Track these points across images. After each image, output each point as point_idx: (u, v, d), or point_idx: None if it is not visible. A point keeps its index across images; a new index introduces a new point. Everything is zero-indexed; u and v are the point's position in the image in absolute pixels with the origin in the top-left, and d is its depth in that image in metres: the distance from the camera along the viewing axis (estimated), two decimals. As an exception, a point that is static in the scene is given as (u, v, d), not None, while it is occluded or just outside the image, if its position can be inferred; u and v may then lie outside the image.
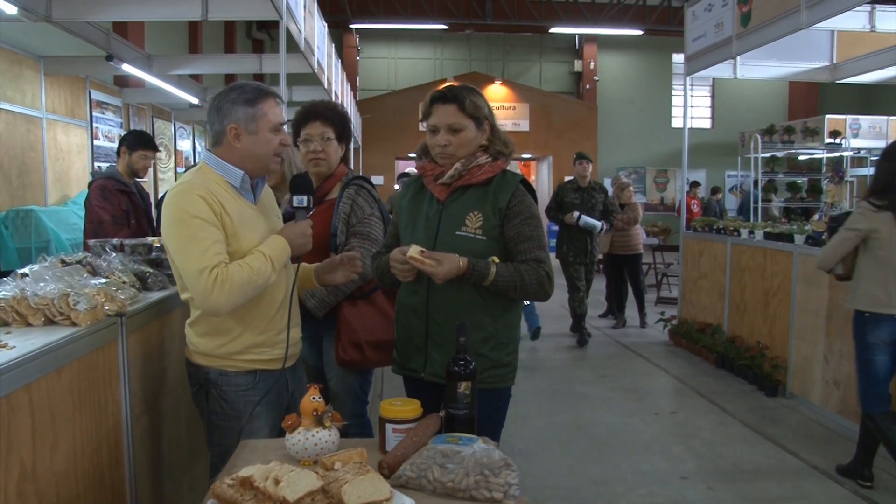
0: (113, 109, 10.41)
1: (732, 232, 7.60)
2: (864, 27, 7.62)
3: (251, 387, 2.56)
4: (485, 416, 2.35)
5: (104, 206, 4.98)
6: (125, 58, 8.22)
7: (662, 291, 11.85)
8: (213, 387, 2.55)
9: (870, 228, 4.25)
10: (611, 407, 6.16)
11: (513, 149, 2.72)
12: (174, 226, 2.38)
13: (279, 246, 2.50)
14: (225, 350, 2.53)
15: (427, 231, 2.66)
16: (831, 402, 5.79)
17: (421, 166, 2.76)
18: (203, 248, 2.33)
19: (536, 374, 7.19)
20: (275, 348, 2.59)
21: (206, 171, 2.52)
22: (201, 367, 2.57)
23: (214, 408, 2.57)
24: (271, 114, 2.52)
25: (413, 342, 2.70)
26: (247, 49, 19.77)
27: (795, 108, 23.34)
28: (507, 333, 2.68)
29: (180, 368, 2.90)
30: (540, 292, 2.60)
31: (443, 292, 2.59)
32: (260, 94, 2.52)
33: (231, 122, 2.49)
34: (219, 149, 2.54)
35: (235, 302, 2.36)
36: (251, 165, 2.54)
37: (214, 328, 2.52)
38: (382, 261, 2.75)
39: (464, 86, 2.70)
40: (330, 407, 2.12)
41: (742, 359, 6.92)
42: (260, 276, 2.39)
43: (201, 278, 2.30)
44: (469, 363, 2.14)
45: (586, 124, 22.58)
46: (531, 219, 2.64)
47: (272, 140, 2.53)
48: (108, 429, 2.46)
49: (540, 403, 6.23)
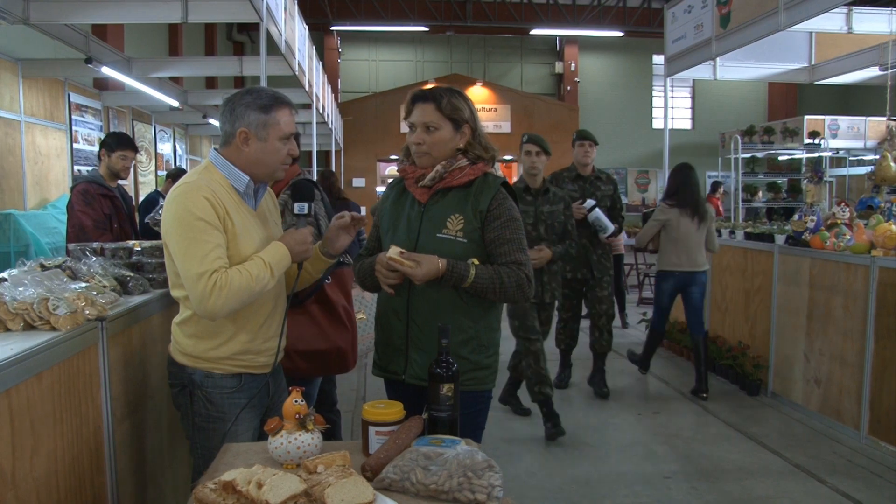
0: (92, 112, 10.35)
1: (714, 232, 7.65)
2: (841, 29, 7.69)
3: (237, 389, 2.55)
4: (466, 419, 2.35)
5: (86, 210, 4.94)
6: (104, 60, 8.18)
7: (645, 292, 11.91)
8: (199, 388, 2.53)
9: (666, 219, 6.36)
10: (594, 407, 6.18)
11: (493, 154, 2.72)
12: (177, 225, 2.36)
13: (279, 253, 2.49)
14: (213, 354, 2.51)
15: (408, 233, 2.66)
16: (812, 401, 5.84)
17: (402, 169, 2.76)
18: (204, 252, 2.32)
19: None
20: (261, 355, 2.58)
21: (212, 171, 2.52)
22: (186, 367, 2.55)
23: (199, 409, 2.55)
24: (284, 123, 2.51)
25: (393, 344, 2.70)
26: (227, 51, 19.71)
27: (775, 108, 23.57)
28: (488, 335, 2.69)
29: (162, 373, 2.88)
30: (519, 294, 2.61)
31: (423, 294, 2.59)
32: (275, 102, 2.51)
33: (242, 125, 2.48)
34: (226, 150, 2.54)
35: (232, 307, 2.35)
36: (256, 171, 2.53)
37: (204, 331, 2.51)
38: (366, 263, 2.75)
39: (448, 87, 2.70)
40: (312, 410, 2.11)
41: (724, 358, 6.97)
42: (258, 283, 2.39)
43: (200, 282, 2.30)
44: (451, 365, 2.14)
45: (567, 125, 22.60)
46: (511, 222, 2.64)
47: (280, 149, 2.53)
48: (88, 434, 2.44)
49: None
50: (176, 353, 2.59)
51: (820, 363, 5.72)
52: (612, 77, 24.38)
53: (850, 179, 16.42)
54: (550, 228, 5.39)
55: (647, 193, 24.00)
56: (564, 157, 7.92)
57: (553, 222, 5.40)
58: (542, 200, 5.43)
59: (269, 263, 2.43)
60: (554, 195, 5.48)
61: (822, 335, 5.66)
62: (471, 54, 24.40)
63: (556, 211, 5.43)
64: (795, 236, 6.12)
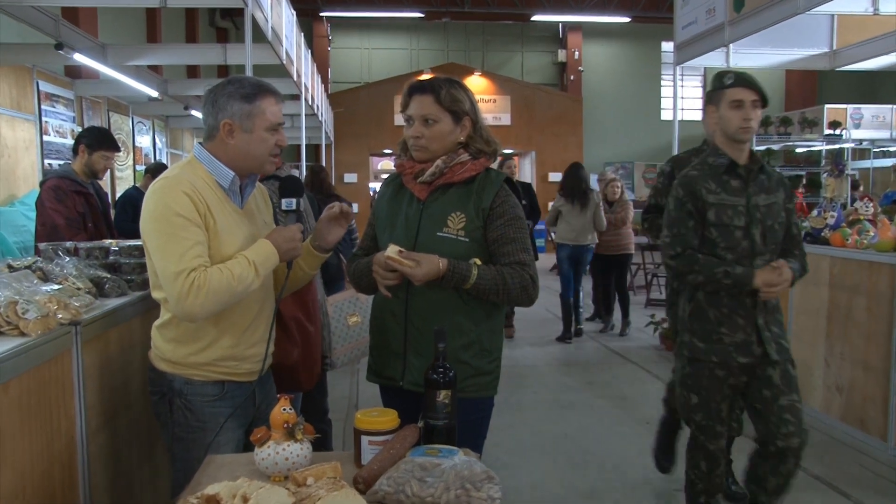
0: (64, 102, 10.31)
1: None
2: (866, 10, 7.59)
3: (219, 397, 2.54)
4: (466, 427, 2.35)
5: (58, 208, 4.91)
6: (76, 46, 8.10)
7: (653, 292, 11.92)
8: (178, 396, 2.53)
9: (560, 205, 9.07)
10: (599, 415, 6.18)
11: (495, 147, 2.72)
12: (154, 222, 2.37)
13: (265, 251, 2.48)
14: (193, 360, 2.51)
15: (406, 232, 2.66)
16: (833, 409, 5.83)
17: (400, 164, 2.75)
18: (182, 249, 2.32)
19: (520, 381, 7.20)
20: (246, 362, 2.58)
21: (195, 166, 2.52)
22: (165, 373, 2.54)
23: (179, 419, 2.55)
24: (269, 112, 2.51)
25: (390, 348, 2.69)
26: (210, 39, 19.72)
27: (792, 98, 23.58)
28: (490, 339, 2.69)
29: (142, 380, 2.88)
30: (524, 297, 2.61)
31: (423, 295, 2.59)
32: (259, 91, 2.51)
33: (225, 116, 2.48)
34: (211, 143, 2.54)
35: (211, 309, 2.35)
36: (244, 164, 2.53)
37: (184, 335, 2.50)
38: (361, 263, 2.73)
39: (447, 78, 2.70)
40: (301, 419, 2.10)
41: (738, 363, 6.96)
42: (241, 283, 2.38)
43: (178, 281, 2.29)
44: (448, 370, 2.14)
45: (571, 117, 22.70)
46: (515, 220, 2.64)
47: (268, 140, 2.52)
48: (60, 447, 2.43)
49: (524, 412, 6.23)
50: (156, 358, 2.58)
51: (841, 368, 5.71)
52: (618, 66, 24.43)
53: (874, 172, 16.40)
54: (770, 233, 3.39)
55: (656, 189, 24.03)
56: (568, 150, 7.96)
57: (773, 223, 3.39)
58: (756, 186, 3.40)
59: (254, 262, 2.42)
60: (769, 177, 3.45)
61: (844, 339, 5.66)
62: (468, 42, 24.44)
63: (776, 204, 3.41)
64: (814, 233, 6.11)
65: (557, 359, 8.20)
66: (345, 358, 4.25)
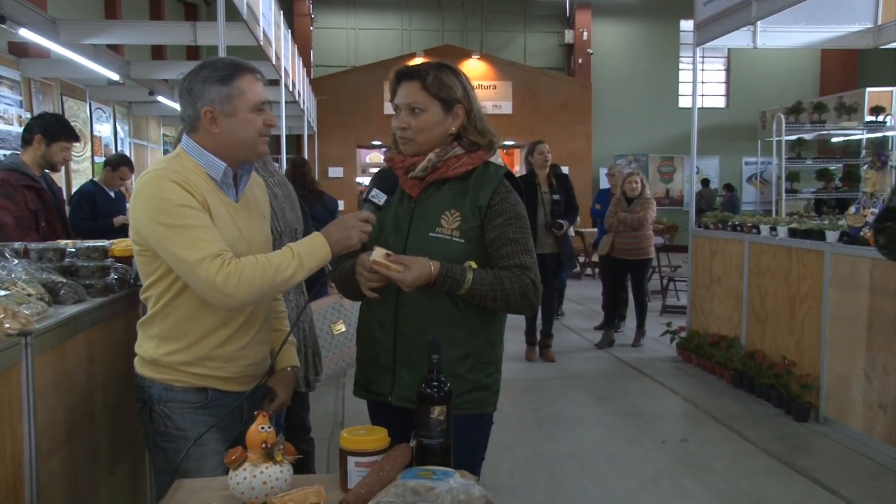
0: (9, 84, 10.17)
1: (751, 229, 7.65)
2: (918, -22, 7.52)
3: (201, 405, 2.58)
4: (463, 447, 2.34)
5: (5, 205, 4.84)
6: (22, 20, 7.94)
7: (669, 298, 11.93)
8: (158, 403, 2.58)
9: None
10: (610, 434, 6.17)
11: (491, 139, 2.73)
12: (155, 217, 2.39)
13: (313, 242, 2.47)
14: (175, 360, 2.54)
15: (396, 232, 2.66)
16: (876, 429, 5.80)
17: (390, 158, 2.76)
18: (198, 236, 2.36)
19: (522, 396, 7.20)
20: (231, 364, 2.60)
21: (184, 159, 2.54)
22: (146, 379, 2.59)
23: (158, 427, 2.60)
24: (250, 91, 2.53)
25: (379, 361, 2.69)
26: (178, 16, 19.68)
27: (828, 81, 23.47)
28: (488, 351, 2.69)
29: (106, 394, 2.86)
30: (524, 303, 2.61)
31: (414, 302, 2.59)
32: (235, 71, 2.53)
33: (205, 104, 2.50)
34: (196, 135, 2.56)
35: (250, 293, 2.36)
36: (234, 152, 2.56)
37: (170, 330, 2.54)
38: (346, 266, 2.72)
39: (437, 62, 2.70)
40: (282, 438, 2.10)
41: (764, 377, 6.95)
42: (279, 272, 2.38)
43: (202, 266, 2.32)
44: (443, 384, 2.13)
45: (578, 105, 22.71)
46: (516, 219, 2.65)
47: (254, 121, 2.54)
48: (4, 473, 2.39)
49: (526, 430, 6.24)
50: (138, 363, 2.64)
51: (885, 384, 5.68)
52: (631, 47, 24.45)
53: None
54: None
55: (672, 184, 24.06)
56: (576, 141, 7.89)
57: None
58: None
59: (299, 253, 2.42)
60: None
61: (887, 350, 5.63)
62: (466, 22, 24.47)
63: None
64: (851, 233, 6.10)
65: (564, 371, 8.19)
66: (329, 370, 4.24)
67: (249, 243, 2.57)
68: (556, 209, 8.22)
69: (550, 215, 8.18)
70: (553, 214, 8.19)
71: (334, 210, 7.07)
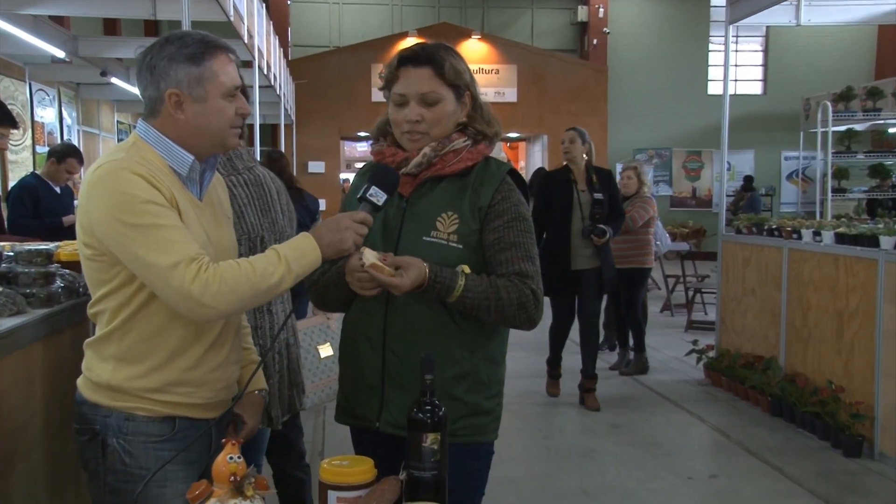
0: (-73, 61, 10.15)
1: (791, 233, 7.63)
2: None
3: (167, 439, 2.51)
4: (460, 479, 2.35)
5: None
6: (-60, -16, 7.92)
7: (695, 313, 11.93)
8: (115, 436, 2.48)
9: None
10: (627, 467, 6.16)
11: (498, 130, 2.74)
12: (118, 214, 2.32)
13: (301, 245, 2.42)
14: (138, 385, 2.46)
15: (386, 235, 2.66)
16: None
17: (378, 151, 2.75)
18: (170, 238, 2.29)
19: (527, 422, 7.20)
20: (203, 389, 2.54)
21: (143, 150, 2.47)
22: (99, 407, 2.49)
23: (114, 465, 2.50)
24: (223, 74, 2.48)
25: (364, 381, 2.68)
26: (135, -13, 19.62)
27: (885, 62, 23.39)
28: (488, 370, 2.69)
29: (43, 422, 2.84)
30: (521, 316, 2.60)
31: (405, 314, 2.59)
32: (207, 49, 2.47)
33: (169, 85, 2.44)
34: (156, 120, 2.50)
35: (230, 303, 2.31)
36: (201, 143, 2.51)
37: (129, 351, 2.46)
38: (330, 273, 2.69)
39: (440, 44, 2.70)
40: (253, 469, 2.09)
41: (807, 404, 6.91)
42: (264, 278, 2.33)
43: (176, 273, 2.26)
44: (437, 408, 2.14)
45: (593, 92, 22.74)
46: (517, 221, 2.65)
47: (226, 109, 2.50)
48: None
49: (532, 462, 6.24)
50: (87, 386, 2.53)
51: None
52: (653, 26, 24.49)
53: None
54: None
55: (700, 182, 24.07)
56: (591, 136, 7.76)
57: None
58: None
59: (285, 256, 2.37)
60: None
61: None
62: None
63: None
64: (910, 237, 6.09)
65: (574, 394, 8.16)
66: (315, 397, 4.23)
67: (217, 248, 2.53)
68: (596, 212, 7.39)
69: (590, 219, 7.37)
70: (593, 218, 7.37)
71: (315, 211, 7.06)
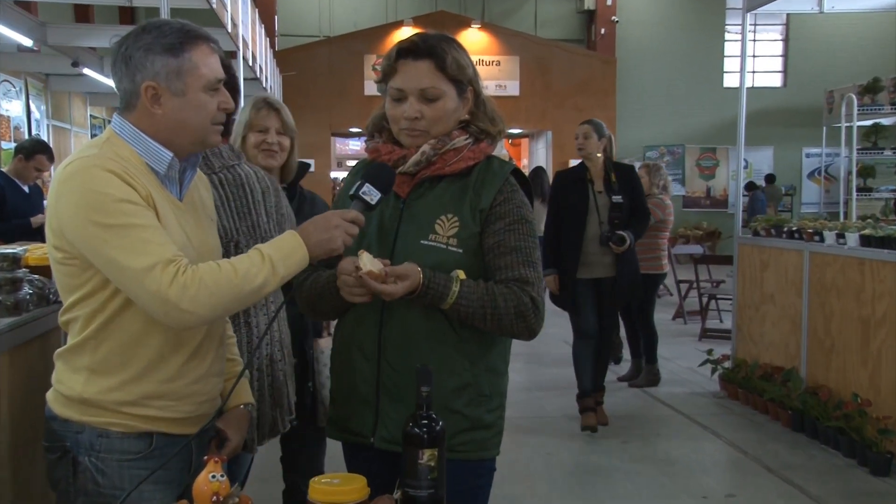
0: None
1: (812, 236, 7.63)
2: None
3: (143, 456, 2.49)
4: (459, 498, 2.34)
5: None
6: None
7: (710, 321, 11.94)
8: (87, 453, 2.47)
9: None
10: (637, 485, 6.17)
11: (501, 128, 2.76)
12: (90, 214, 2.30)
13: (287, 244, 2.42)
14: (113, 398, 2.44)
15: (381, 238, 2.66)
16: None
17: (374, 148, 2.75)
18: (146, 238, 2.28)
19: (530, 437, 7.19)
20: (184, 402, 2.53)
21: (117, 146, 2.46)
22: (70, 422, 2.48)
23: (84, 485, 2.48)
24: (204, 66, 2.47)
25: (358, 393, 2.68)
26: (110, -30, 19.64)
27: (914, 52, 23.44)
28: (490, 382, 2.69)
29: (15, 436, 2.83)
30: (519, 325, 2.60)
31: (401, 322, 2.59)
32: (187, 39, 2.46)
33: (146, 78, 2.43)
34: (132, 115, 2.49)
35: (211, 306, 2.30)
36: (181, 139, 2.49)
37: (104, 362, 2.44)
38: (321, 279, 2.69)
39: (441, 35, 2.70)
40: (237, 489, 2.08)
41: (831, 419, 6.90)
42: (247, 280, 2.33)
43: (152, 275, 2.24)
44: (435, 423, 2.14)
45: (600, 85, 22.79)
46: (519, 224, 2.65)
47: (207, 103, 2.48)
48: None
49: (535, 480, 6.25)
50: (57, 400, 2.52)
51: None
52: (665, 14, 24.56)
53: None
54: None
55: (715, 181, 24.09)
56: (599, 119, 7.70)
57: None
58: None
59: (269, 256, 2.37)
60: None
61: None
62: (463, -17, 24.56)
63: None
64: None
65: (582, 409, 8.17)
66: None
67: (199, 251, 2.51)
68: (615, 216, 7.03)
69: (608, 224, 7.02)
70: (611, 223, 7.01)
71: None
